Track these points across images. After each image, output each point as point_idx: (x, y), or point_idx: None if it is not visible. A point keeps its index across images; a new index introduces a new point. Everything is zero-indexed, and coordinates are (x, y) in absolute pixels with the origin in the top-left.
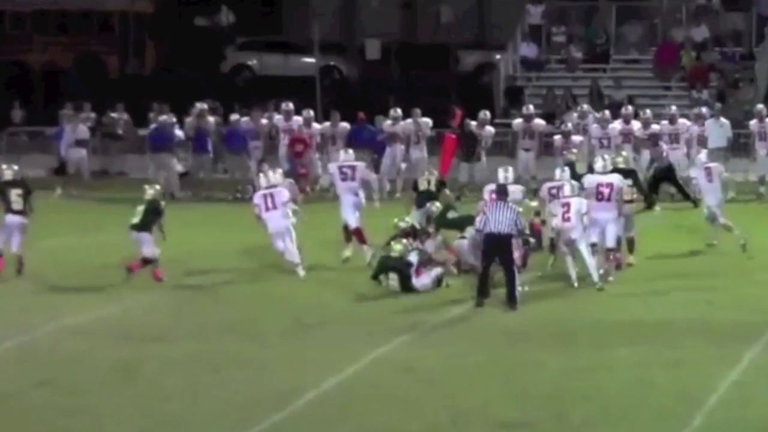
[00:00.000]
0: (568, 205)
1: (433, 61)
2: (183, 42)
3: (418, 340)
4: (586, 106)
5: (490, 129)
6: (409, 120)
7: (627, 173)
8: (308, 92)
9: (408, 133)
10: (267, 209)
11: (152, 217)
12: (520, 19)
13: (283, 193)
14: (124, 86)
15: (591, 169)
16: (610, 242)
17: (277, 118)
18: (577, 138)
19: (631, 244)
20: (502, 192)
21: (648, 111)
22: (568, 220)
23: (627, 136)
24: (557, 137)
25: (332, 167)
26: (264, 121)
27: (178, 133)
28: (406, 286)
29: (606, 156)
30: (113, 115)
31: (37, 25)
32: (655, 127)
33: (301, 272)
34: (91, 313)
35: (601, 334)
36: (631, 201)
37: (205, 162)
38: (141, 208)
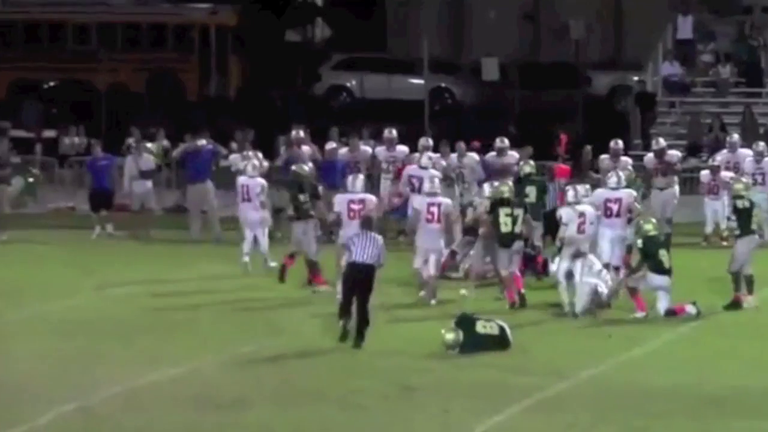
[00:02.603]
0: (584, 215)
1: (559, 83)
2: (271, 60)
3: (536, 409)
4: (736, 136)
5: (626, 159)
6: (453, 155)
7: None
8: (415, 118)
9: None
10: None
11: None
12: (662, 35)
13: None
14: (203, 110)
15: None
16: (616, 260)
17: (379, 148)
18: (726, 174)
19: (750, 284)
20: (367, 222)
21: None
22: (583, 231)
23: None
24: (704, 173)
25: None
26: (367, 149)
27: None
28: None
29: (620, 173)
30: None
31: (104, 39)
32: None
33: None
34: (159, 373)
35: (753, 402)
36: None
37: None
38: None
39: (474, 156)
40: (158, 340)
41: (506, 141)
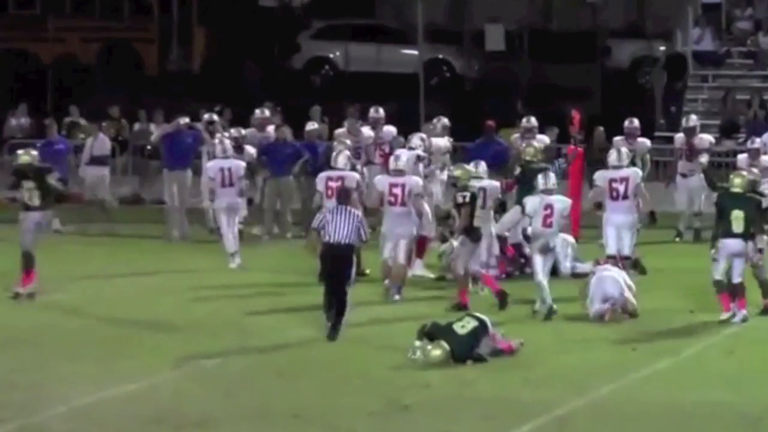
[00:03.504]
0: (551, 207)
1: (574, 54)
2: (243, 28)
3: (549, 428)
4: None
5: (644, 141)
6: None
7: None
8: (408, 94)
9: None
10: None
11: None
12: None
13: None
14: (164, 85)
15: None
16: (626, 250)
17: (364, 128)
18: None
19: (765, 287)
20: (343, 195)
21: None
22: (549, 225)
23: None
24: (741, 156)
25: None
26: (370, 133)
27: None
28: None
29: (622, 149)
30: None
31: (50, 4)
32: None
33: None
34: (111, 389)
35: None
36: None
37: (286, 188)
38: None
39: (447, 142)
40: (110, 351)
41: (533, 120)
